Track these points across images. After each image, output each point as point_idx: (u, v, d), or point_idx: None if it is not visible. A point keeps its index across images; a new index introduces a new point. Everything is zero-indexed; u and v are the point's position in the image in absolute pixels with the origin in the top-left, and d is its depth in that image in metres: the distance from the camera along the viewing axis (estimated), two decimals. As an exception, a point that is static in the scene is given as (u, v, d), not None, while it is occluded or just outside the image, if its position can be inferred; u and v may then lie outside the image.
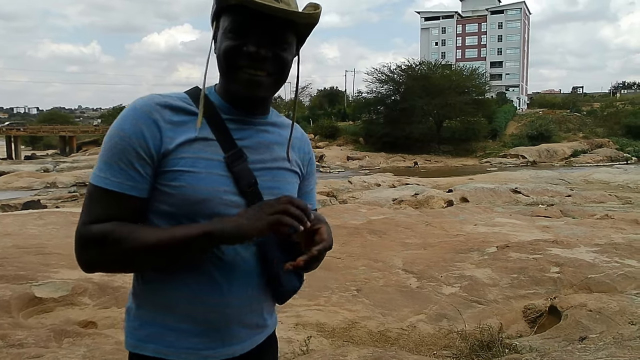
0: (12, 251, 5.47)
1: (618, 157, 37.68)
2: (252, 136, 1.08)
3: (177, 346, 1.03)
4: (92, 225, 0.98)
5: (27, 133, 55.05)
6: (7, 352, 2.92)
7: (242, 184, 1.03)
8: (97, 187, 0.99)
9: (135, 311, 1.08)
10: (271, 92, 1.06)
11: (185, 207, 0.99)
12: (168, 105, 1.02)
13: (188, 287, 1.03)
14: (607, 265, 5.35)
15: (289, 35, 1.03)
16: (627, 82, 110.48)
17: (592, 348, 2.97)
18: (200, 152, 1.01)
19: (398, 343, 3.67)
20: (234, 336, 1.07)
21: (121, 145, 0.98)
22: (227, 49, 1.01)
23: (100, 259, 0.99)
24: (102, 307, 4.20)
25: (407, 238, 7.30)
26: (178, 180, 0.99)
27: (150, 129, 0.99)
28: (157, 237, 0.97)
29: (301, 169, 1.19)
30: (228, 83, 1.05)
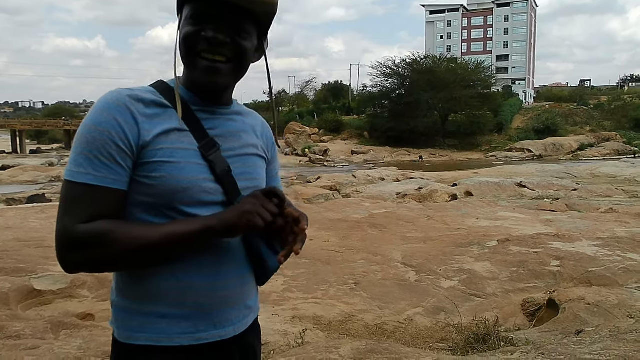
0: (12, 244, 5.51)
1: (625, 151, 37.40)
2: (221, 125, 1.12)
3: (169, 332, 1.03)
4: (81, 225, 0.95)
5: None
6: (4, 344, 2.93)
7: (217, 171, 1.05)
8: (77, 184, 0.97)
9: (122, 303, 1.07)
10: (231, 80, 1.08)
11: (166, 196, 1.00)
12: (140, 98, 1.03)
13: (176, 274, 1.03)
14: (608, 259, 5.32)
15: (247, 24, 1.05)
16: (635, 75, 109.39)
17: (588, 341, 2.95)
18: (177, 143, 1.03)
19: (394, 336, 3.67)
20: (225, 319, 1.08)
21: (100, 138, 0.97)
22: (186, 34, 1.04)
23: (92, 260, 0.97)
24: (101, 300, 4.22)
25: (408, 232, 7.29)
26: (158, 171, 1.00)
27: (127, 121, 0.99)
28: (158, 236, 0.97)
29: (266, 154, 1.23)
30: (189, 71, 1.07)
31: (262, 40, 1.13)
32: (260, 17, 1.07)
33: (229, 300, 1.09)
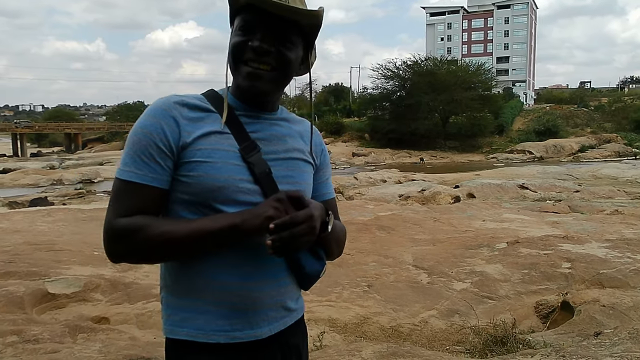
0: (23, 248, 5.51)
1: (626, 152, 37.44)
2: (265, 129, 1.15)
3: (206, 329, 1.07)
4: (121, 219, 1.03)
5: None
6: (23, 348, 2.93)
7: (257, 173, 1.09)
8: (122, 181, 1.05)
9: (167, 299, 1.13)
10: (273, 87, 1.12)
11: (203, 194, 1.05)
12: (185, 103, 1.10)
13: (211, 273, 1.08)
14: (618, 260, 5.32)
15: (293, 35, 1.09)
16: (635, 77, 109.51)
17: (608, 343, 2.95)
18: (216, 144, 1.08)
19: (410, 338, 3.67)
20: (260, 319, 1.11)
21: (143, 140, 1.05)
22: (235, 44, 1.09)
23: (128, 251, 1.05)
24: (114, 303, 4.22)
25: (416, 234, 7.29)
26: (196, 170, 1.05)
27: (169, 125, 1.06)
28: (185, 231, 1.02)
29: (314, 160, 1.25)
30: (235, 77, 1.12)
31: (308, 52, 1.17)
32: (305, 28, 1.11)
33: (265, 302, 1.11)
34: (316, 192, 1.25)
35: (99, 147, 53.23)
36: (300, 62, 1.15)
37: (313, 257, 1.14)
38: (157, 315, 4.07)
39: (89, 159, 39.43)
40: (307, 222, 1.00)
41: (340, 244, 1.23)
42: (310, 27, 1.11)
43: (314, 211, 1.02)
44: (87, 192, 19.15)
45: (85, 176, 25.19)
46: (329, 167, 1.33)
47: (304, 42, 1.13)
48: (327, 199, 1.28)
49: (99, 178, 25.53)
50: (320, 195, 1.26)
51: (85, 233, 6.77)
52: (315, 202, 1.07)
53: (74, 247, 5.67)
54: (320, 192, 1.27)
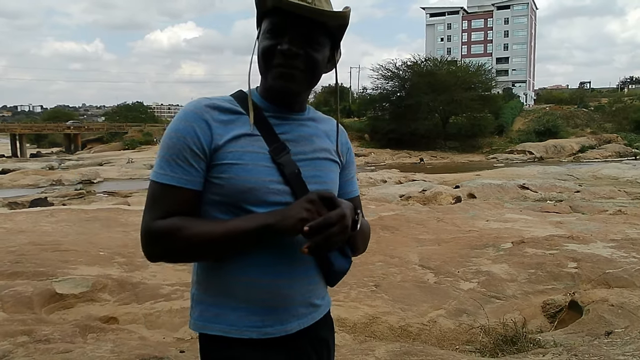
0: (29, 248, 5.50)
1: (626, 153, 37.51)
2: (293, 130, 1.17)
3: (239, 325, 1.11)
4: (158, 221, 1.07)
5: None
6: (35, 347, 2.93)
7: (286, 173, 1.11)
8: (158, 184, 1.09)
9: (199, 296, 1.16)
10: (303, 88, 1.15)
11: (234, 196, 1.08)
12: (216, 106, 1.12)
13: (242, 271, 1.10)
14: (624, 260, 5.32)
15: (320, 36, 1.11)
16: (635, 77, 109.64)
17: (619, 342, 2.95)
18: (247, 147, 1.10)
19: (420, 338, 3.67)
20: (290, 315, 1.14)
21: (177, 143, 1.08)
22: (264, 48, 1.10)
23: (167, 252, 1.08)
24: (122, 303, 4.22)
25: (420, 234, 7.29)
26: (227, 172, 1.08)
27: (201, 128, 1.08)
28: (221, 231, 1.05)
29: (341, 159, 1.27)
30: (265, 79, 1.14)
31: (335, 51, 1.18)
32: (332, 29, 1.13)
33: (295, 299, 1.14)
34: (342, 190, 1.27)
35: (98, 148, 53.16)
36: (327, 61, 1.17)
37: (341, 255, 1.17)
38: (166, 315, 4.07)
39: (89, 159, 39.41)
40: (340, 222, 1.01)
41: (365, 240, 1.26)
42: (337, 27, 1.13)
43: (346, 211, 1.03)
44: (87, 193, 19.12)
45: (85, 177, 25.16)
46: (354, 165, 1.35)
47: (331, 42, 1.15)
48: (353, 196, 1.30)
49: (99, 178, 25.52)
50: (346, 193, 1.28)
51: (90, 233, 6.76)
52: (345, 202, 1.08)
53: (80, 247, 5.66)
54: (346, 190, 1.29)
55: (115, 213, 8.91)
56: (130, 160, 34.06)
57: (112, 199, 16.27)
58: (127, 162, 33.21)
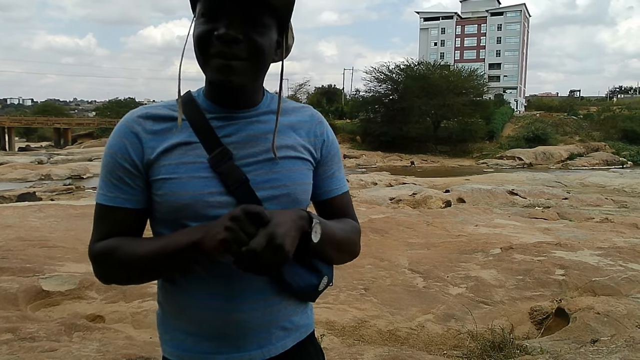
0: (15, 243, 5.44)
1: (614, 161, 37.89)
2: (240, 130, 1.02)
3: (193, 350, 1.03)
4: (98, 243, 1.01)
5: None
6: (20, 346, 2.89)
7: (229, 183, 0.98)
8: (98, 205, 1.03)
9: (161, 317, 1.10)
10: (249, 79, 0.98)
11: (171, 213, 0.99)
12: (150, 115, 1.02)
13: (192, 293, 1.02)
14: (611, 268, 5.38)
15: (264, 17, 0.95)
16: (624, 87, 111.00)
17: (605, 351, 2.98)
18: (182, 157, 0.99)
19: (408, 342, 3.68)
20: (249, 341, 1.02)
21: (110, 162, 1.00)
22: (199, 35, 0.95)
23: (108, 273, 1.02)
24: (110, 302, 4.18)
25: (410, 237, 7.32)
26: (162, 189, 0.99)
27: (131, 142, 0.99)
28: (151, 251, 0.97)
29: (312, 154, 1.09)
30: (205, 73, 1.00)
31: (284, 34, 1.02)
32: (277, 7, 0.96)
33: (249, 324, 1.02)
34: (320, 189, 1.11)
35: (88, 143, 52.70)
36: (276, 47, 1.01)
37: (305, 270, 1.04)
38: (153, 315, 4.03)
39: (78, 154, 39.01)
40: (269, 244, 0.86)
41: (344, 247, 1.09)
42: (283, 4, 0.97)
43: (275, 229, 0.87)
44: (76, 188, 18.96)
45: (74, 172, 24.96)
46: (337, 160, 1.15)
47: (278, 24, 0.99)
48: (335, 195, 1.13)
49: (88, 174, 25.31)
50: (327, 192, 1.12)
51: (79, 230, 6.70)
52: (285, 215, 0.92)
53: (68, 243, 5.61)
54: (326, 189, 1.12)
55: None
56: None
57: (100, 195, 16.12)
58: (117, 158, 32.85)
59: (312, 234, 0.95)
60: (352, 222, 1.14)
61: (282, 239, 0.87)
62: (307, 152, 1.08)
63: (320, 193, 1.11)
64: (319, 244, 0.97)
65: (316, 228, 0.96)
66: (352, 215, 1.17)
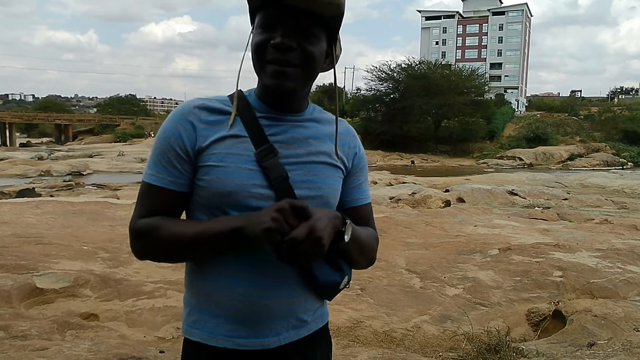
0: (10, 240, 5.42)
1: (614, 162, 37.85)
2: (286, 132, 1.11)
3: (215, 332, 1.08)
4: (141, 220, 1.08)
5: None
6: (11, 344, 2.87)
7: (271, 178, 1.06)
8: (144, 183, 1.10)
9: (186, 299, 1.16)
10: (300, 85, 1.08)
11: (215, 199, 1.05)
12: (205, 107, 1.10)
13: (218, 276, 1.08)
14: (609, 270, 5.35)
15: (315, 28, 1.05)
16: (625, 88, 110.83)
17: (601, 354, 2.96)
18: (231, 148, 1.07)
19: (403, 344, 3.65)
20: (267, 327, 1.09)
21: (163, 145, 1.08)
22: (257, 43, 1.06)
23: (146, 250, 1.09)
24: (104, 300, 4.16)
25: (408, 237, 7.29)
26: (209, 175, 1.06)
27: (186, 129, 1.07)
28: (192, 232, 1.04)
29: (345, 164, 1.19)
30: (260, 77, 1.09)
31: (332, 45, 1.12)
32: (328, 20, 1.07)
33: (272, 311, 1.09)
34: (347, 197, 1.20)
35: (89, 139, 52.70)
36: (325, 57, 1.11)
37: (330, 267, 1.10)
38: (148, 313, 4.02)
39: (79, 150, 39.02)
40: (310, 236, 0.93)
41: (366, 252, 1.17)
42: (332, 17, 1.07)
43: (316, 222, 0.95)
44: (75, 185, 18.93)
45: (74, 168, 24.93)
46: (364, 172, 1.26)
47: (327, 35, 1.09)
48: (359, 204, 1.22)
49: (88, 170, 25.30)
50: (352, 200, 1.21)
51: (75, 227, 6.67)
52: (324, 212, 1.00)
53: (64, 241, 5.58)
54: (352, 198, 1.21)
55: (103, 207, 8.82)
56: (121, 153, 33.75)
57: (100, 192, 16.11)
58: (117, 155, 32.91)
59: (344, 234, 1.03)
60: (373, 231, 1.23)
61: (322, 232, 0.95)
62: (341, 162, 1.18)
63: (347, 201, 1.20)
64: (347, 244, 1.04)
65: (348, 229, 1.04)
66: (373, 225, 1.25)
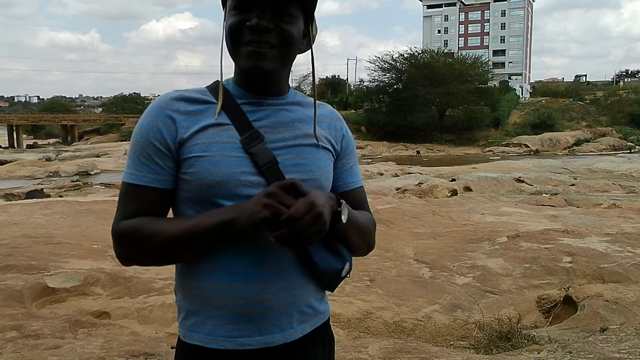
0: (21, 241, 5.45)
1: (621, 146, 37.56)
2: (270, 116, 1.08)
3: (215, 334, 1.03)
4: (122, 222, 1.02)
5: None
6: (24, 343, 2.89)
7: (260, 164, 1.02)
8: (124, 183, 1.04)
9: (179, 302, 1.10)
10: (278, 65, 1.04)
11: (203, 191, 1.01)
12: (183, 97, 1.06)
13: (213, 274, 1.02)
14: (619, 255, 5.32)
15: (291, 8, 1.01)
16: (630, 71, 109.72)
17: (614, 339, 2.94)
18: (215, 137, 1.02)
19: (414, 334, 3.65)
20: (270, 324, 1.03)
21: (141, 141, 1.03)
22: (231, 25, 1.01)
23: (131, 253, 1.03)
24: (115, 297, 4.18)
25: (416, 227, 7.28)
26: (194, 167, 1.01)
27: (164, 123, 1.03)
28: (179, 230, 0.99)
29: (334, 146, 1.15)
30: (236, 61, 1.05)
31: (309, 25, 1.08)
32: (305, 1, 1.03)
33: (272, 305, 1.03)
34: (339, 181, 1.16)
35: (95, 139, 52.88)
36: (302, 37, 1.07)
37: (330, 253, 1.05)
38: (158, 310, 4.04)
39: (85, 150, 39.16)
40: (310, 212, 0.89)
41: (364, 235, 1.12)
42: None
43: (315, 199, 0.91)
44: (83, 184, 19.02)
45: (81, 168, 25.04)
46: (354, 154, 1.21)
47: (304, 14, 1.05)
48: (352, 188, 1.18)
49: (96, 170, 25.41)
50: (344, 184, 1.16)
51: (84, 226, 6.71)
52: (318, 191, 0.97)
53: (73, 240, 5.62)
54: (344, 181, 1.17)
55: (111, 205, 8.85)
56: (127, 152, 33.86)
57: (108, 191, 16.18)
58: (124, 154, 32.93)
59: (341, 214, 0.99)
60: (369, 214, 1.19)
61: (322, 208, 0.91)
62: (329, 144, 1.14)
63: (339, 185, 1.16)
64: (345, 226, 1.01)
65: (344, 209, 1.01)
66: (367, 209, 1.20)
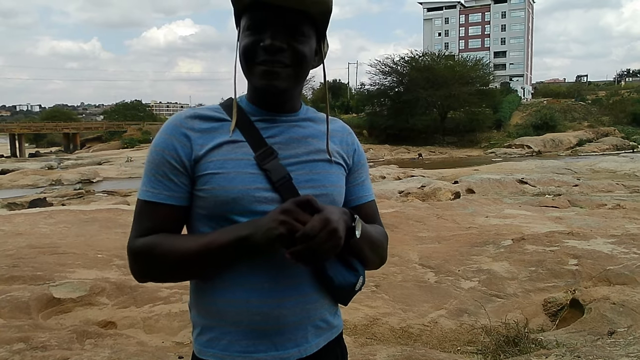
0: (26, 251, 5.46)
1: (624, 146, 37.50)
2: (283, 132, 1.09)
3: (231, 350, 1.03)
4: (138, 239, 1.03)
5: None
6: (32, 355, 2.90)
7: (274, 180, 1.03)
8: (140, 201, 1.06)
9: (194, 318, 1.11)
10: (291, 84, 1.06)
11: (218, 208, 1.02)
12: (197, 115, 1.08)
13: (229, 290, 1.03)
14: (625, 256, 5.30)
15: (304, 27, 1.03)
16: (632, 70, 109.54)
17: (622, 343, 2.93)
18: (229, 154, 1.04)
19: (421, 339, 3.64)
20: (286, 339, 1.04)
21: (156, 159, 1.04)
22: (245, 46, 1.03)
23: (147, 270, 1.04)
24: (121, 307, 4.18)
25: (420, 231, 7.27)
26: (209, 183, 1.02)
27: (180, 140, 1.04)
28: (194, 247, 1.00)
29: (346, 161, 1.17)
30: (249, 80, 1.07)
31: (321, 42, 1.11)
32: (316, 17, 1.05)
33: (288, 320, 1.04)
34: (351, 196, 1.17)
35: (97, 147, 53.01)
36: (314, 54, 1.09)
37: (344, 268, 1.06)
38: (164, 319, 4.04)
39: (88, 158, 39.27)
40: (325, 228, 0.91)
41: (377, 249, 1.13)
42: (320, 14, 1.05)
43: (330, 215, 0.93)
44: (86, 192, 19.06)
45: (84, 176, 25.11)
46: (365, 169, 1.23)
47: (316, 32, 1.07)
48: (364, 202, 1.19)
49: (98, 178, 25.47)
50: (357, 198, 1.18)
51: (88, 235, 6.72)
52: (332, 207, 0.99)
53: (78, 249, 5.62)
54: (356, 195, 1.18)
55: (114, 213, 8.88)
56: (130, 159, 33.92)
57: (111, 199, 16.21)
58: (126, 161, 33.08)
59: (355, 229, 1.00)
60: (382, 228, 1.20)
61: (337, 224, 0.93)
62: (341, 159, 1.15)
63: (351, 199, 1.17)
64: (358, 241, 1.01)
65: (358, 224, 1.02)
66: (379, 222, 1.22)
